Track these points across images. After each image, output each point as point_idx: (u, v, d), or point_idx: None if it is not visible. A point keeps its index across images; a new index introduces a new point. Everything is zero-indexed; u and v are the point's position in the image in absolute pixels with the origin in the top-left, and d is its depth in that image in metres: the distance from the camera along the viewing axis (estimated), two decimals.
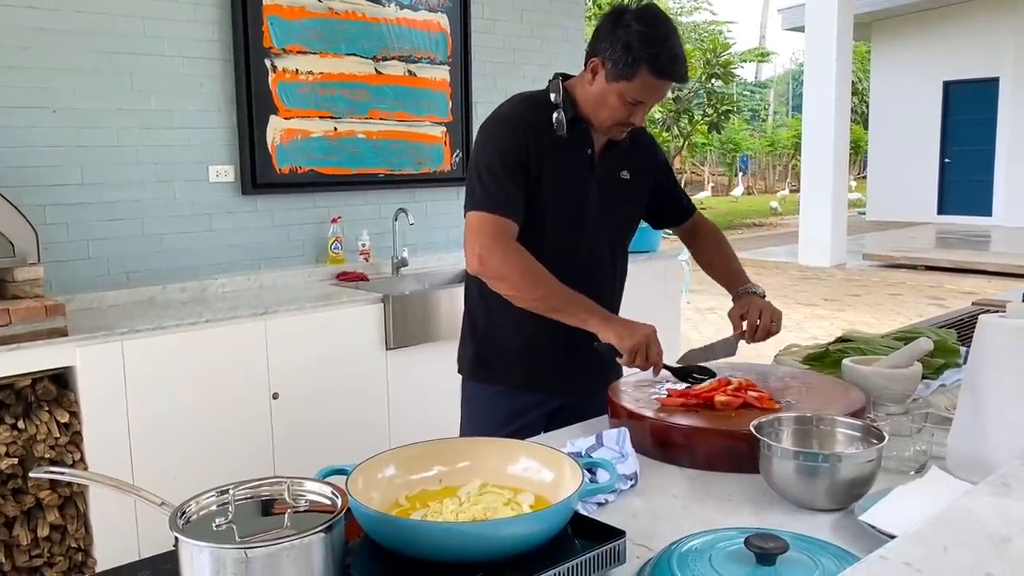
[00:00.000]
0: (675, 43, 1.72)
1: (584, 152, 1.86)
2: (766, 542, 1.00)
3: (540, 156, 1.80)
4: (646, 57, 1.69)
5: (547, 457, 1.16)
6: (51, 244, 2.99)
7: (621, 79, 1.72)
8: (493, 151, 1.79)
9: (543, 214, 1.82)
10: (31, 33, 2.96)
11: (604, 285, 1.96)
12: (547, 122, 1.82)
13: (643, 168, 1.99)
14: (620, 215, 1.97)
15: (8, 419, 2.49)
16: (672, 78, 1.74)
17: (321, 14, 3.66)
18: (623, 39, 1.70)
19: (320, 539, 0.86)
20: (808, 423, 1.38)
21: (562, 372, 1.92)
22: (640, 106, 1.77)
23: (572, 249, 1.87)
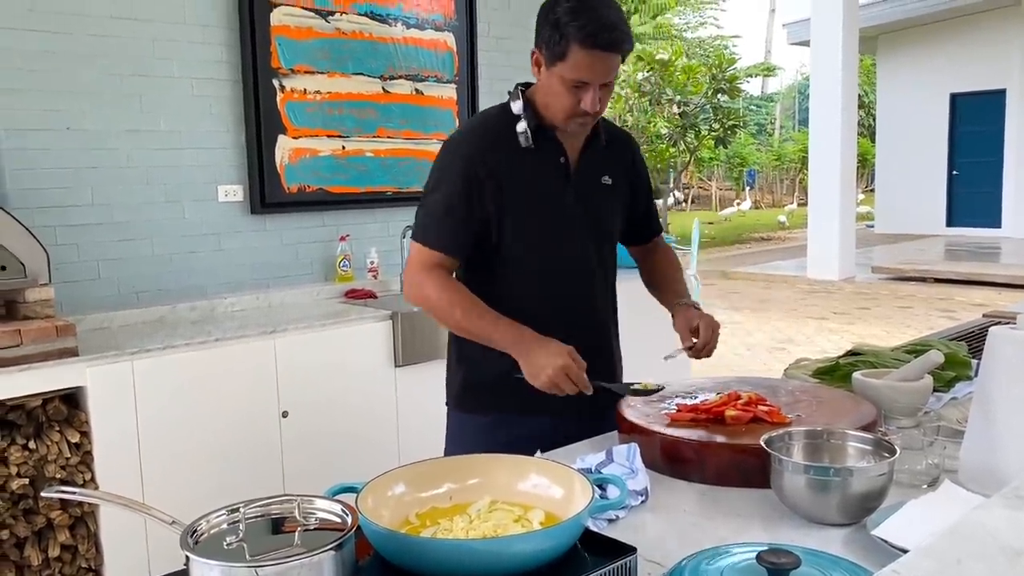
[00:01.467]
0: (607, 12, 1.60)
1: (556, 161, 1.77)
2: (778, 557, 1.00)
3: (502, 175, 1.72)
4: (573, 30, 1.58)
5: (557, 473, 1.16)
6: (62, 265, 3.00)
7: (556, 61, 1.62)
8: (439, 181, 1.74)
9: (518, 232, 1.75)
10: (42, 56, 2.99)
11: (596, 298, 1.89)
12: (511, 137, 1.73)
13: (622, 170, 1.89)
14: (605, 223, 1.87)
15: (19, 439, 2.50)
16: (605, 47, 1.59)
17: (328, 34, 3.69)
18: (551, 20, 1.61)
19: (331, 557, 0.86)
20: (819, 437, 1.37)
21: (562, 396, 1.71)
22: (586, 89, 1.63)
23: (555, 264, 1.79)
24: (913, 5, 14.13)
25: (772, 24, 34.39)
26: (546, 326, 1.73)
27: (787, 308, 9.15)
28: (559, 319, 1.78)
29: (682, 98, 14.91)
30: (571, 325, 1.79)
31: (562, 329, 1.76)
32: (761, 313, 8.91)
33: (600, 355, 1.87)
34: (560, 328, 1.75)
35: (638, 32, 23.98)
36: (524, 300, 1.79)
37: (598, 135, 1.83)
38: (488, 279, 1.80)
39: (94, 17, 3.09)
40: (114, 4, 3.13)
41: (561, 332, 1.75)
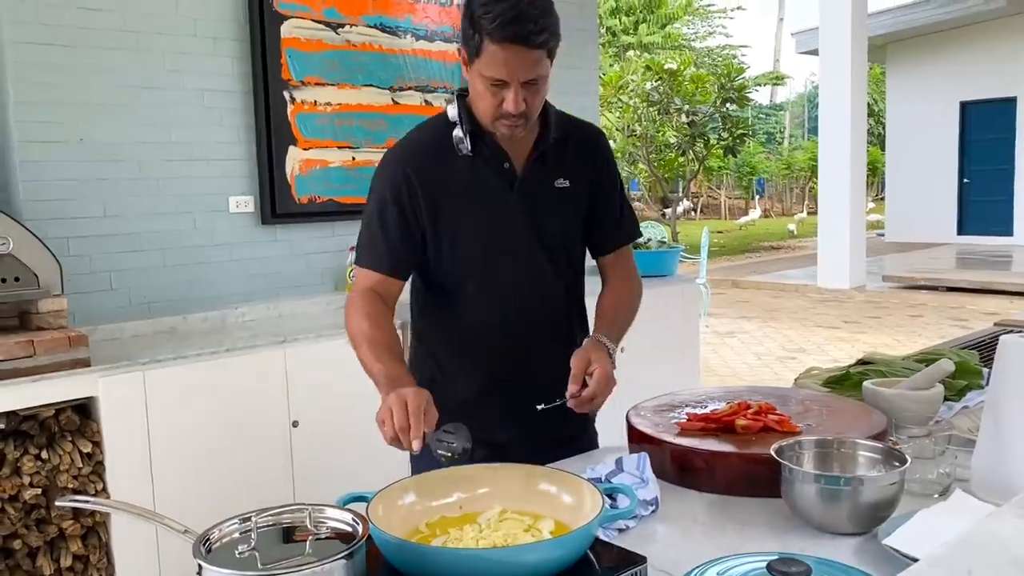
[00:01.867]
0: (516, 4, 1.47)
1: (500, 167, 1.66)
2: (788, 567, 0.99)
3: (437, 189, 1.63)
4: (486, 23, 1.47)
5: (567, 483, 1.16)
6: (74, 276, 3.02)
7: (474, 58, 1.52)
8: (372, 199, 1.68)
9: (458, 250, 1.67)
10: (54, 70, 3.02)
11: (552, 313, 1.75)
12: (448, 147, 1.64)
13: (581, 168, 1.73)
14: (558, 233, 1.72)
15: (32, 449, 2.51)
16: (517, 41, 1.46)
17: (338, 46, 3.71)
18: (467, 14, 1.52)
19: (342, 565, 0.86)
20: (829, 446, 1.37)
21: (522, 418, 1.62)
22: (506, 88, 1.51)
23: (500, 278, 1.68)
24: (922, 14, 14.13)
25: (781, 33, 34.40)
26: (502, 352, 1.69)
27: (797, 317, 9.13)
28: (515, 342, 1.71)
29: (691, 107, 14.91)
30: (529, 349, 1.71)
31: (519, 354, 1.70)
32: (771, 322, 8.88)
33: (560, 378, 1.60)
34: (517, 353, 1.70)
35: (647, 41, 24.10)
36: (477, 325, 1.71)
37: (546, 134, 1.68)
38: (441, 302, 1.74)
39: (107, 31, 3.12)
40: (126, 18, 3.16)
41: (518, 357, 1.70)
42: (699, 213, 24.75)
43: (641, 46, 23.60)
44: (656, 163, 16.85)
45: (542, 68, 1.53)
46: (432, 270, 1.72)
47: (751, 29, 55.74)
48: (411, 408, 1.32)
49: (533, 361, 1.70)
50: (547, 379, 1.59)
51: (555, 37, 1.53)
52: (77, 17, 3.05)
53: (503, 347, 1.70)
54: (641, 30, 23.91)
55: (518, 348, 1.71)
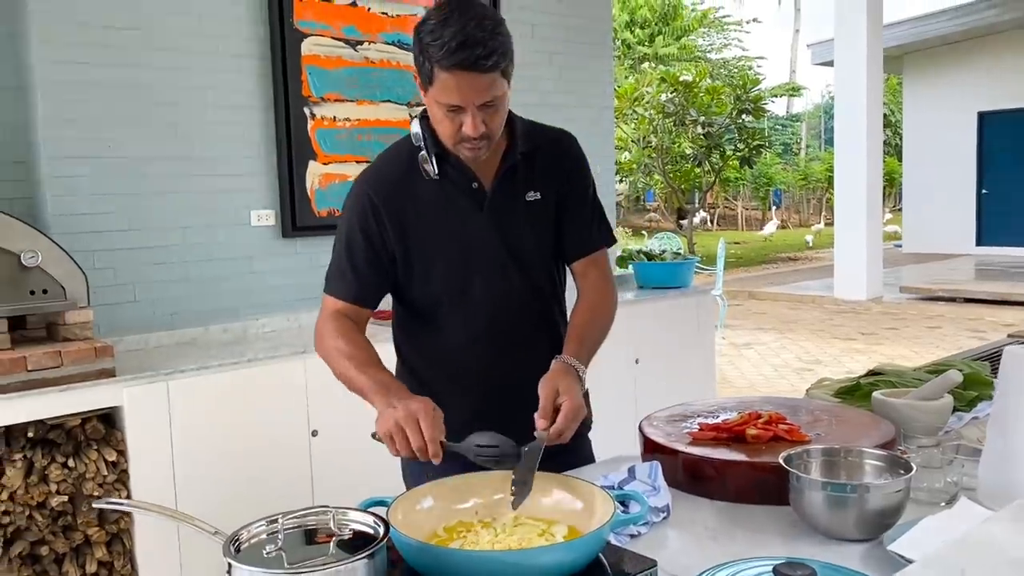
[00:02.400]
0: (470, 26, 1.43)
1: (468, 187, 1.64)
2: (794, 570, 1.03)
3: (405, 214, 1.62)
4: (434, 51, 1.44)
5: (580, 489, 1.20)
6: (100, 288, 3.09)
7: (427, 86, 1.50)
8: (341, 227, 1.68)
9: (429, 269, 1.66)
10: (82, 87, 3.10)
11: (533, 328, 1.73)
12: (413, 170, 1.63)
13: (552, 178, 1.70)
14: (533, 244, 1.70)
15: (59, 457, 2.57)
16: (466, 67, 1.44)
17: (357, 63, 3.78)
18: (417, 41, 1.49)
19: (364, 565, 0.91)
20: (836, 455, 1.40)
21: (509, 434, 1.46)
22: (463, 112, 1.49)
23: (475, 298, 1.67)
24: (938, 24, 14.11)
25: (796, 45, 34.37)
26: (481, 373, 1.68)
27: (814, 328, 9.11)
28: (497, 359, 1.70)
29: (706, 119, 14.94)
30: (511, 365, 1.68)
31: (502, 370, 1.68)
32: (788, 334, 8.87)
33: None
34: (500, 370, 1.68)
35: (662, 53, 24.16)
36: (457, 345, 1.70)
37: (513, 148, 1.65)
38: (419, 324, 1.74)
39: (133, 49, 3.20)
40: (153, 37, 3.24)
41: (501, 373, 1.68)
42: (715, 224, 24.72)
43: (656, 58, 23.67)
44: (672, 174, 16.86)
45: (497, 89, 1.49)
46: (406, 293, 1.71)
47: (767, 41, 55.74)
48: (425, 425, 1.31)
49: (516, 378, 1.62)
50: (531, 394, 1.53)
51: (505, 57, 1.49)
52: (105, 36, 3.13)
53: (485, 365, 1.69)
54: (657, 42, 23.98)
55: (500, 365, 1.69)
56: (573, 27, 4.67)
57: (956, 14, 13.90)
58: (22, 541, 2.50)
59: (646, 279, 4.51)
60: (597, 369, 3.69)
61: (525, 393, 1.57)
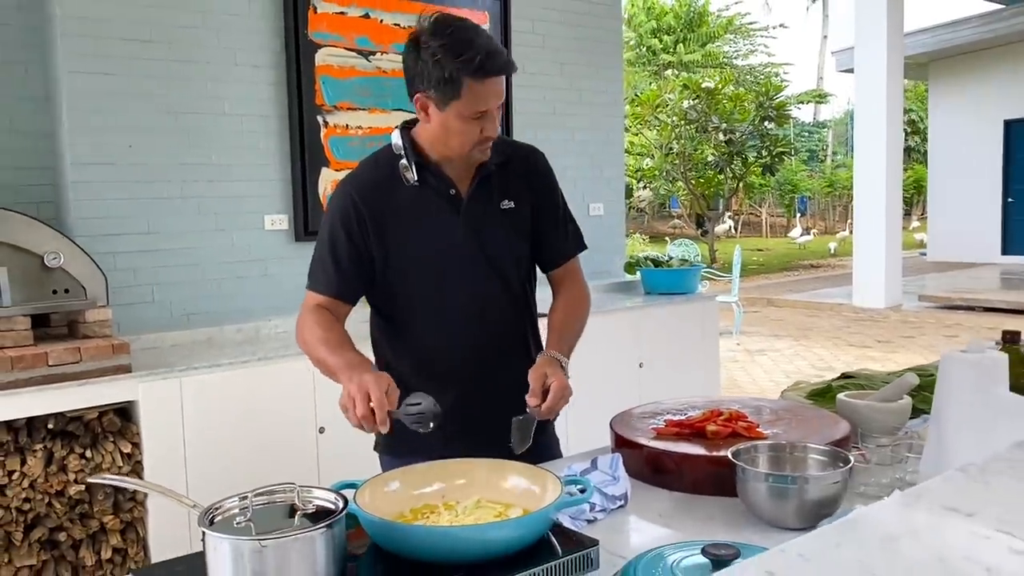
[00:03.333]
0: (481, 39, 1.61)
1: (445, 194, 1.74)
2: (719, 550, 1.13)
3: (385, 217, 1.72)
4: (462, 66, 1.57)
5: (533, 475, 1.31)
6: (119, 288, 3.25)
7: (451, 100, 1.61)
8: (324, 227, 1.77)
9: (406, 272, 1.75)
10: (103, 96, 3.26)
11: (500, 337, 1.81)
12: (394, 177, 1.73)
13: (524, 188, 1.82)
14: (507, 250, 1.80)
15: (77, 448, 2.72)
16: (497, 73, 1.61)
17: (370, 73, 3.92)
18: (430, 61, 1.59)
19: (322, 534, 1.02)
20: (782, 450, 1.49)
21: (478, 431, 1.68)
22: (486, 116, 1.65)
23: (451, 301, 1.76)
24: (965, 32, 14.02)
25: (824, 51, 34.20)
26: (457, 374, 1.76)
27: (830, 335, 9.13)
28: (472, 361, 1.78)
29: (728, 125, 14.96)
30: (485, 367, 1.78)
31: (476, 372, 1.77)
32: (803, 340, 8.90)
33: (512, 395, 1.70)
34: (474, 372, 1.77)
35: (687, 60, 24.17)
36: (433, 347, 1.78)
37: (488, 159, 1.76)
38: (396, 325, 1.81)
39: (154, 61, 3.35)
40: (172, 50, 3.39)
41: (476, 375, 1.76)
42: (739, 231, 24.66)
43: (681, 65, 23.69)
44: (694, 181, 16.89)
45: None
46: (384, 294, 1.79)
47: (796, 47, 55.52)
48: (374, 398, 1.43)
49: (491, 379, 1.77)
50: (506, 395, 1.68)
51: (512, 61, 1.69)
52: (127, 49, 3.29)
53: (460, 367, 1.77)
54: (680, 49, 23.99)
55: (475, 367, 1.78)
56: (583, 37, 4.77)
57: (983, 21, 13.81)
58: (41, 527, 2.64)
59: (652, 285, 4.60)
60: (602, 372, 3.81)
61: (500, 393, 1.74)
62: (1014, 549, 0.82)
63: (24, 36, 3.26)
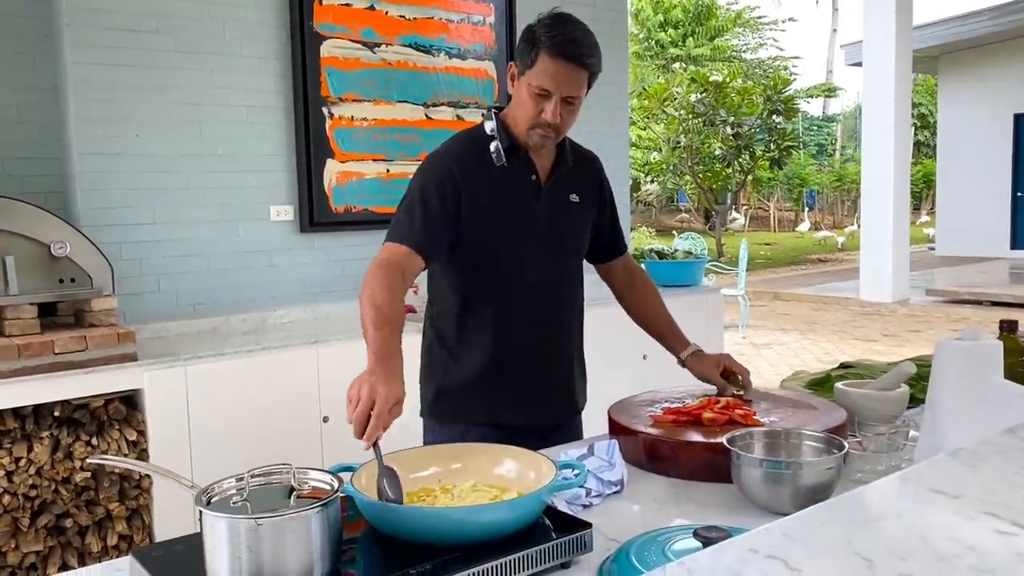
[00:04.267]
0: (577, 31, 1.75)
1: (528, 179, 1.88)
2: (710, 532, 1.14)
3: (476, 191, 1.82)
4: (544, 39, 1.72)
5: (528, 459, 1.33)
6: (125, 278, 3.27)
7: (527, 69, 1.76)
8: (414, 187, 1.82)
9: (492, 248, 1.85)
10: (111, 88, 3.28)
11: (562, 315, 1.97)
12: (484, 156, 1.84)
13: (588, 187, 2.00)
14: (572, 240, 1.97)
15: (83, 436, 2.74)
16: (568, 58, 1.72)
17: (375, 64, 3.93)
18: (529, 35, 1.76)
19: (317, 513, 1.03)
20: (777, 437, 1.51)
21: (527, 403, 1.90)
22: (548, 99, 1.75)
23: (525, 279, 1.88)
24: (975, 25, 13.93)
25: (833, 44, 34.04)
26: (520, 345, 1.88)
27: (836, 329, 9.11)
28: (531, 333, 1.90)
29: (736, 119, 14.92)
30: (547, 349, 1.93)
31: (539, 354, 1.91)
32: (809, 334, 8.89)
33: (565, 373, 2.00)
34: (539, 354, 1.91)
35: (695, 54, 24.10)
36: (498, 316, 1.88)
37: (564, 155, 1.93)
38: (466, 294, 1.89)
39: (160, 51, 3.37)
40: (178, 39, 3.41)
41: (533, 347, 1.90)
42: (747, 225, 24.60)
43: (689, 58, 23.62)
44: (702, 175, 16.85)
45: (581, 89, 1.78)
46: (463, 262, 1.87)
47: (805, 40, 55.28)
48: (376, 410, 1.37)
49: (548, 351, 1.93)
50: (554, 368, 1.91)
51: (598, 64, 1.79)
52: (134, 40, 3.31)
53: (522, 339, 1.89)
54: (689, 43, 23.92)
55: (536, 340, 1.91)
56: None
57: (995, 14, 13.71)
58: (48, 513, 2.67)
59: (657, 277, 4.57)
60: (606, 364, 3.81)
61: (548, 366, 1.94)
62: (998, 530, 0.83)
63: (31, 27, 3.28)
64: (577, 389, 2.05)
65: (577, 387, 2.05)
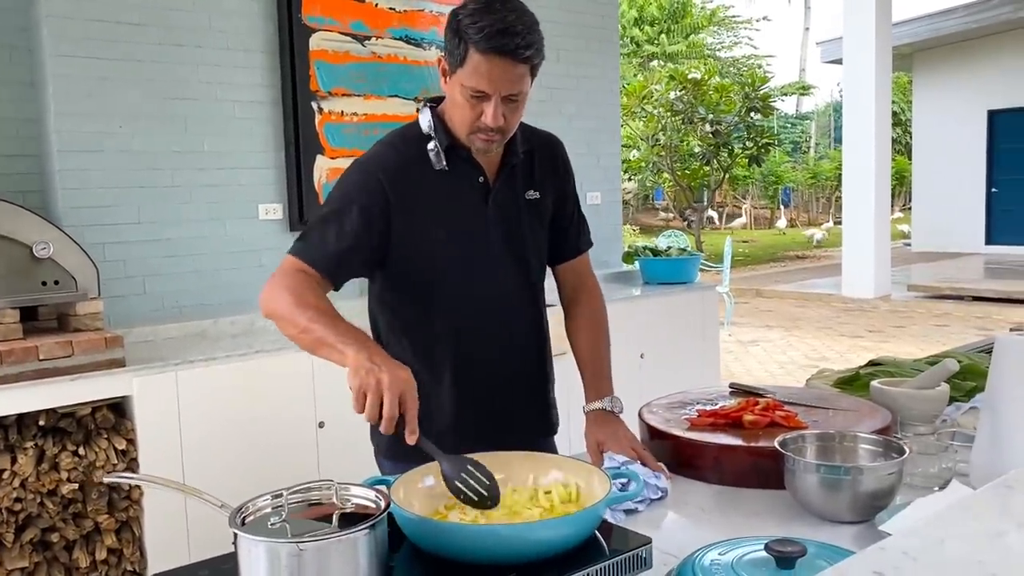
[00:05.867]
0: (511, 16, 1.46)
1: (474, 180, 1.64)
2: (785, 546, 1.05)
3: (412, 203, 1.58)
4: (472, 32, 1.45)
5: (577, 469, 1.23)
6: (110, 280, 3.14)
7: (457, 68, 1.49)
8: (334, 200, 1.60)
9: (430, 259, 1.63)
10: (93, 82, 3.14)
11: (520, 325, 1.75)
12: (422, 159, 1.60)
13: (546, 177, 1.74)
14: (531, 242, 1.72)
15: (70, 446, 2.61)
16: (502, 53, 1.45)
17: (365, 58, 3.81)
18: (453, 27, 1.50)
19: (365, 535, 0.94)
20: (831, 439, 1.43)
21: (493, 429, 1.64)
22: (487, 100, 1.50)
23: (474, 291, 1.66)
24: (949, 22, 14.05)
25: (807, 43, 34.28)
26: (472, 366, 1.66)
27: (821, 326, 9.11)
28: (486, 350, 1.69)
29: (715, 117, 14.92)
30: (498, 363, 1.70)
31: (488, 369, 1.68)
32: (794, 331, 8.88)
33: (532, 393, 1.78)
34: (487, 368, 1.68)
35: (671, 51, 24.13)
36: (449, 335, 1.67)
37: (513, 147, 1.67)
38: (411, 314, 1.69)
39: (143, 44, 3.24)
40: (163, 33, 3.28)
41: (488, 372, 1.67)
42: (723, 222, 24.70)
43: (665, 56, 23.65)
44: (680, 172, 16.84)
45: (524, 85, 1.52)
46: (402, 283, 1.67)
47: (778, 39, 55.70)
48: (409, 400, 1.24)
49: (505, 370, 1.71)
50: (516, 385, 1.69)
51: (539, 55, 1.52)
52: (116, 32, 3.18)
53: (476, 357, 1.68)
54: (664, 40, 23.96)
55: (490, 356, 1.70)
56: (580, 24, 4.70)
57: (968, 11, 13.83)
58: (33, 528, 2.54)
59: (651, 275, 4.53)
60: None
61: (511, 387, 1.71)
62: None
63: (7, 19, 3.13)
64: (550, 407, 1.85)
65: (550, 405, 1.84)
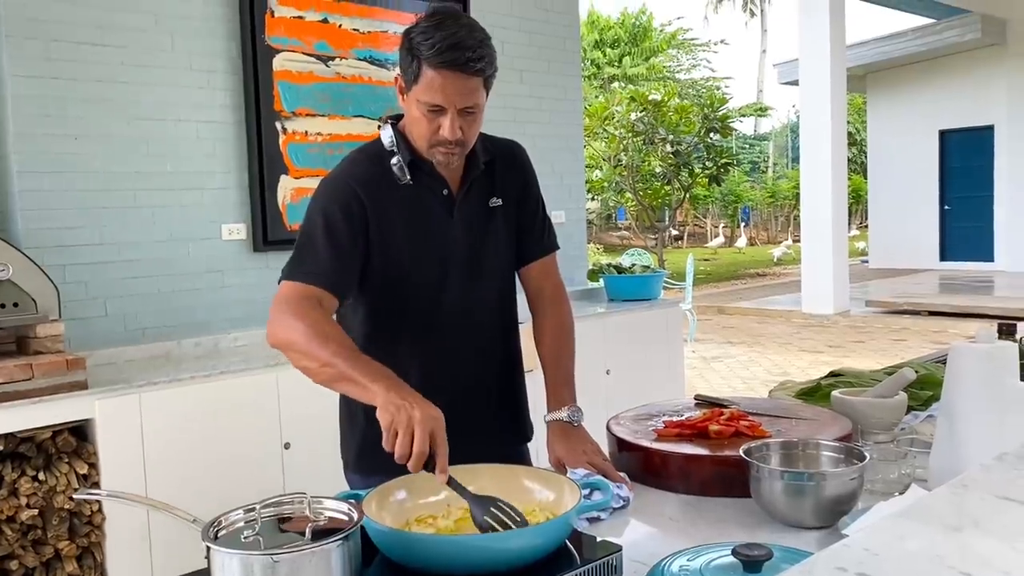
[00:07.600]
0: (462, 32, 1.51)
1: (439, 194, 1.66)
2: (752, 551, 1.08)
3: (383, 215, 1.62)
4: (424, 49, 1.50)
5: (547, 479, 1.25)
6: (71, 302, 3.09)
7: (412, 84, 1.55)
8: (314, 214, 1.61)
9: (400, 276, 1.65)
10: (53, 102, 3.11)
11: (494, 339, 1.77)
12: (388, 174, 1.63)
13: (509, 184, 1.76)
14: (498, 251, 1.75)
15: (29, 471, 2.56)
16: (452, 66, 1.49)
17: (329, 78, 3.82)
18: (406, 45, 1.55)
19: (338, 547, 0.94)
20: (794, 447, 1.46)
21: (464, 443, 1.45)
22: (443, 114, 1.54)
23: (444, 306, 1.67)
24: (900, 45, 14.45)
25: (764, 65, 34.95)
26: (444, 377, 1.65)
27: (782, 342, 9.24)
28: (457, 368, 1.70)
29: (675, 137, 15.13)
30: (470, 375, 1.72)
31: (461, 380, 1.69)
32: (756, 347, 8.99)
33: (503, 401, 1.79)
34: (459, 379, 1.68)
35: (631, 74, 24.45)
36: (417, 352, 1.67)
37: (474, 159, 1.70)
38: (382, 328, 1.69)
39: (104, 64, 3.22)
40: (123, 52, 3.26)
41: (460, 383, 1.68)
42: (685, 241, 24.98)
43: (625, 78, 23.95)
44: (642, 192, 17.03)
45: (478, 96, 1.56)
46: (372, 295, 1.67)
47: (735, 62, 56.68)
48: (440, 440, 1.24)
49: (478, 382, 1.73)
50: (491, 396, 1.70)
51: (491, 67, 1.56)
52: (76, 52, 3.15)
53: (448, 369, 1.69)
54: (625, 62, 24.27)
55: (464, 370, 1.71)
56: (542, 45, 4.75)
57: (918, 34, 14.25)
58: None
59: (616, 292, 4.58)
60: None
61: (481, 395, 1.72)
62: None
63: None
64: (522, 417, 1.86)
65: (522, 415, 1.86)
